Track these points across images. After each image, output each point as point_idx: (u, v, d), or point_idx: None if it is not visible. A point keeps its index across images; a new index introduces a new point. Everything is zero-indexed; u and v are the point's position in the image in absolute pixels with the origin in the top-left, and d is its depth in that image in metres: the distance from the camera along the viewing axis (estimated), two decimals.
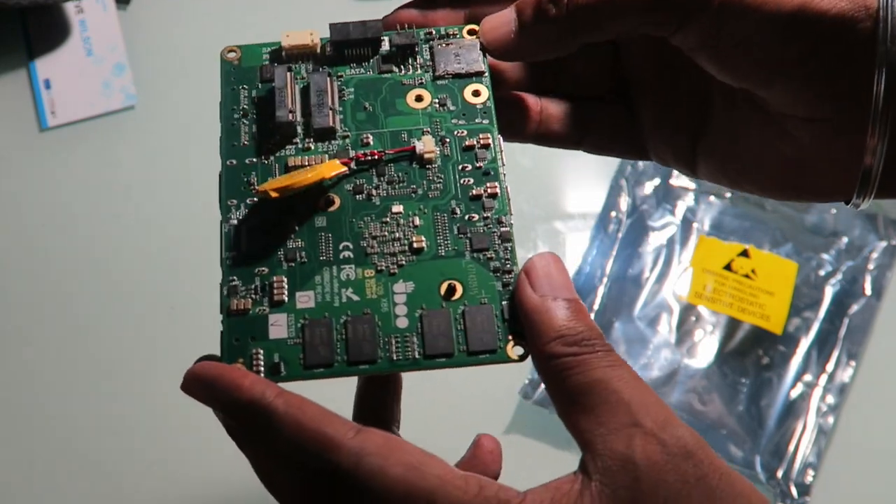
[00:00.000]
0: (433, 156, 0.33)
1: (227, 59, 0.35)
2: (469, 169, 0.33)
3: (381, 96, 0.34)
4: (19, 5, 0.58)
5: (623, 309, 0.57)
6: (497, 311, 0.30)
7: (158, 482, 0.54)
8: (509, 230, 0.32)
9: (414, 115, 0.34)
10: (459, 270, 0.31)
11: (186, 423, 0.54)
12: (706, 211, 0.60)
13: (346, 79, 0.34)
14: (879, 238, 0.59)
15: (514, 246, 0.32)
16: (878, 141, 0.29)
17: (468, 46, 0.35)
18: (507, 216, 0.32)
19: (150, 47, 0.63)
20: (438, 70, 0.34)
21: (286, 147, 0.33)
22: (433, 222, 0.32)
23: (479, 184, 0.32)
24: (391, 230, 0.32)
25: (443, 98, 0.34)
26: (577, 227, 0.60)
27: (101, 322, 0.57)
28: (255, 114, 0.34)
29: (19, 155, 0.60)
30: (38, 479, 0.53)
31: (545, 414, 0.55)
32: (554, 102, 0.37)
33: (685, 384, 0.55)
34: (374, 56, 0.35)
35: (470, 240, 0.31)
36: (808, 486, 0.53)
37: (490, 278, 0.31)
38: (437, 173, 0.33)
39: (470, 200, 0.32)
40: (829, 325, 0.57)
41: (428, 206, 0.32)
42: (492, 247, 0.31)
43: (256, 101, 0.34)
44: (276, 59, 0.35)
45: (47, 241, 0.58)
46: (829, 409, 0.55)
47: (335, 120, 0.33)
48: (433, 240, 0.31)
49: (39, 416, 0.55)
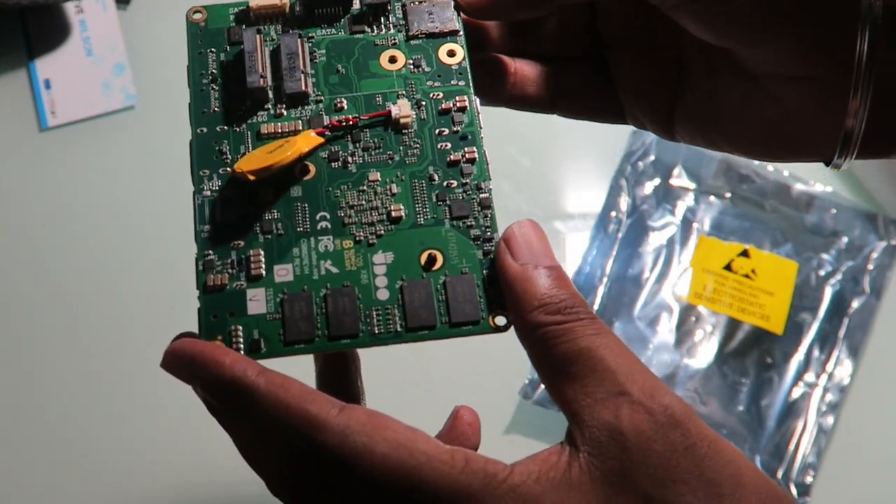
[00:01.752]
0: (409, 120, 0.32)
1: (192, 21, 0.34)
2: (446, 133, 0.32)
3: (353, 58, 0.33)
4: (19, 5, 0.58)
5: (623, 309, 0.57)
6: (479, 281, 0.30)
7: (158, 482, 0.54)
8: (489, 196, 0.31)
9: (388, 77, 0.33)
10: (439, 239, 0.30)
11: (186, 423, 0.54)
12: (706, 211, 0.60)
13: (316, 40, 0.33)
14: (879, 238, 0.59)
15: (494, 213, 0.31)
16: (861, 101, 0.29)
17: (442, 4, 0.34)
18: (487, 182, 0.31)
19: (150, 47, 0.63)
20: (412, 30, 0.34)
21: (257, 113, 0.32)
22: (411, 190, 0.31)
23: (456, 149, 0.32)
24: (368, 199, 0.31)
25: (417, 59, 0.33)
26: (577, 227, 0.60)
27: (101, 322, 0.57)
28: (224, 78, 0.33)
29: (19, 155, 0.60)
30: (38, 478, 0.53)
31: (545, 414, 0.55)
32: (528, 64, 0.36)
33: (685, 384, 0.55)
34: (346, 16, 0.34)
35: (449, 207, 0.31)
36: (808, 486, 0.53)
37: (470, 247, 0.30)
38: (414, 138, 0.32)
39: (448, 166, 0.31)
40: (829, 324, 0.57)
41: (405, 173, 0.31)
42: (471, 214, 0.31)
43: (225, 64, 0.33)
44: (244, 21, 0.33)
45: (47, 240, 0.58)
46: (829, 408, 0.55)
47: (308, 84, 0.32)
48: (412, 208, 0.31)
49: (39, 416, 0.55)
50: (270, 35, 0.33)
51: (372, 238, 0.30)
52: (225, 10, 0.34)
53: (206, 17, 0.34)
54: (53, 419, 0.55)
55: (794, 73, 0.30)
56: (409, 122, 0.32)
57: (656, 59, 0.35)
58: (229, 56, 0.33)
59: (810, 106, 0.31)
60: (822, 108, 0.30)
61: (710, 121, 0.34)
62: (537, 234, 0.29)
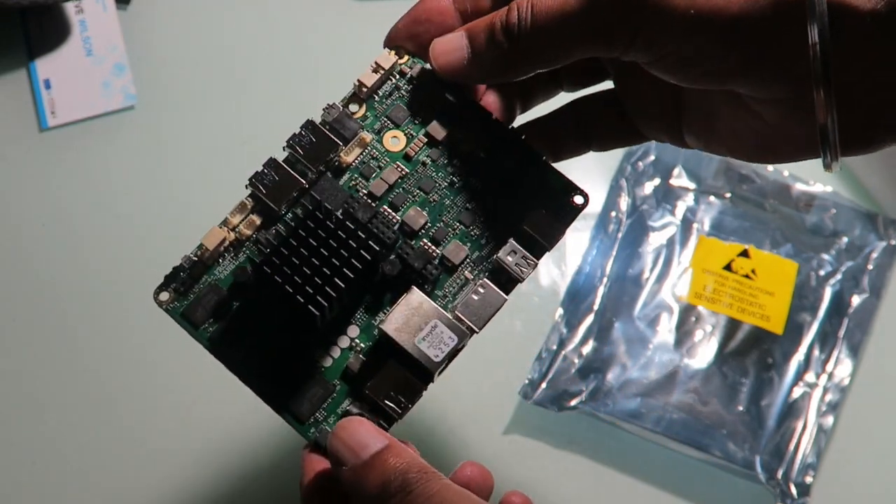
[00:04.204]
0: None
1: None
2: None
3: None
4: (19, 5, 0.58)
5: (623, 309, 0.57)
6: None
7: (160, 482, 0.54)
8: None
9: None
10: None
11: (186, 423, 0.54)
12: (706, 211, 0.60)
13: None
14: (879, 238, 0.59)
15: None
16: (827, 109, 0.30)
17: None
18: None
19: (150, 47, 0.63)
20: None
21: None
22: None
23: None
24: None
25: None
26: (577, 227, 0.59)
27: (101, 322, 0.57)
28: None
29: (19, 155, 0.60)
30: (37, 479, 0.53)
31: (545, 414, 0.55)
32: (558, 121, 0.39)
33: (685, 384, 0.55)
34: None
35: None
36: (808, 486, 0.53)
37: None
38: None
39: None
40: (829, 324, 0.57)
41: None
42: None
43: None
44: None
45: (47, 241, 0.58)
46: (829, 408, 0.55)
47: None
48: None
49: (38, 417, 0.55)
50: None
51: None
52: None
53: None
54: (53, 420, 0.55)
55: (765, 98, 0.32)
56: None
57: (657, 85, 0.37)
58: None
59: (789, 119, 0.32)
60: (798, 120, 0.32)
61: (709, 133, 0.36)
62: (353, 431, 0.32)
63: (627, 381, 0.55)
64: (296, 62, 0.64)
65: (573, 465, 0.55)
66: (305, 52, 0.64)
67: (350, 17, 0.64)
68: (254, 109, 0.62)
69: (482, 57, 0.34)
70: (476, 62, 0.34)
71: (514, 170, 0.36)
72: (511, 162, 0.36)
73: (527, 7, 0.33)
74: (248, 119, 0.61)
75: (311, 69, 0.63)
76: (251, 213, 0.36)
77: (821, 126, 0.31)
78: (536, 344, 0.56)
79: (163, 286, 0.36)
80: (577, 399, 0.55)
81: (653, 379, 0.55)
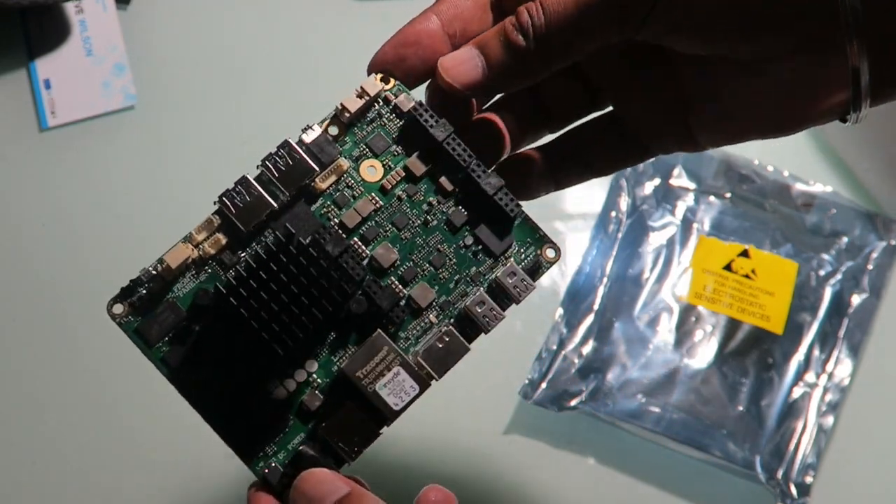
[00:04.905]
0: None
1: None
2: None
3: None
4: (19, 5, 0.58)
5: (623, 309, 0.57)
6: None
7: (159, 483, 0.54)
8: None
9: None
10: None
11: (186, 422, 0.54)
12: (706, 211, 0.60)
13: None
14: (879, 238, 0.59)
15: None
16: (859, 44, 0.30)
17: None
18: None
19: (150, 47, 0.63)
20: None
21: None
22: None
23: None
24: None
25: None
26: (577, 227, 0.60)
27: (101, 322, 0.57)
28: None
29: (19, 155, 0.60)
30: (37, 480, 0.53)
31: (545, 414, 0.55)
32: (553, 149, 0.39)
33: (685, 384, 0.55)
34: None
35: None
36: (808, 486, 0.53)
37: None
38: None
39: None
40: (829, 324, 0.57)
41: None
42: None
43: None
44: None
45: (47, 241, 0.58)
46: (829, 408, 0.55)
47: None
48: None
49: (38, 417, 0.55)
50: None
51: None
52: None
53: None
54: (53, 420, 0.55)
55: (784, 54, 0.32)
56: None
57: (657, 89, 0.36)
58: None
59: (809, 75, 0.32)
60: (820, 72, 0.32)
61: (725, 119, 0.35)
62: (313, 483, 0.32)
63: (627, 381, 0.55)
64: (296, 62, 0.64)
65: (573, 465, 0.55)
66: (305, 52, 0.64)
67: (350, 17, 0.64)
68: (254, 109, 0.62)
69: (499, 62, 0.33)
70: (493, 69, 0.34)
71: (489, 217, 0.35)
72: (487, 208, 0.35)
73: (537, 5, 0.32)
74: (248, 119, 0.61)
75: (311, 69, 0.63)
76: (217, 232, 0.34)
77: (853, 69, 0.31)
78: (536, 344, 0.56)
79: (118, 298, 0.36)
80: (577, 399, 0.55)
81: (653, 379, 0.55)
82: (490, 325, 0.34)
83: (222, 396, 0.34)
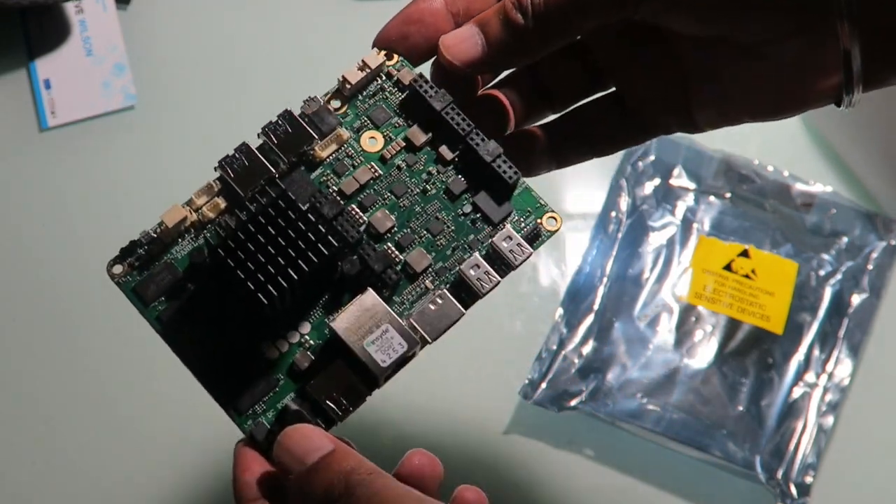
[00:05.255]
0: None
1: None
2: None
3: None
4: (19, 5, 0.58)
5: (623, 309, 0.57)
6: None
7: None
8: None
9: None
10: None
11: (187, 422, 0.54)
12: (706, 211, 0.60)
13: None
14: (879, 238, 0.59)
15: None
16: (852, 28, 0.31)
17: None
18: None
19: (150, 47, 0.63)
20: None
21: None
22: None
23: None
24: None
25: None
26: (577, 227, 0.60)
27: (101, 322, 0.57)
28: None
29: (19, 155, 0.60)
30: (37, 479, 0.53)
31: (545, 414, 0.55)
32: (555, 128, 0.39)
33: (685, 384, 0.55)
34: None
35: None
36: (808, 486, 0.53)
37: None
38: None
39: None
40: (829, 324, 0.57)
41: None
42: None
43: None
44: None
45: (47, 241, 0.58)
46: (829, 408, 0.55)
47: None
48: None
49: (38, 417, 0.55)
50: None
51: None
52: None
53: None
54: (53, 420, 0.55)
55: (784, 31, 0.32)
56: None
57: (657, 69, 0.36)
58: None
59: (806, 56, 0.32)
60: (817, 54, 0.32)
61: (724, 101, 0.36)
62: (297, 438, 0.32)
63: (627, 381, 0.55)
64: (296, 62, 0.63)
65: (573, 465, 0.55)
66: (305, 52, 0.64)
67: (350, 17, 0.64)
68: (254, 109, 0.61)
69: (498, 40, 0.34)
70: (493, 47, 0.34)
71: (488, 185, 0.36)
72: (486, 177, 0.35)
73: None
74: (248, 119, 0.61)
75: (311, 69, 0.63)
76: (216, 196, 0.35)
77: (844, 52, 0.31)
78: (536, 344, 0.56)
79: (118, 259, 0.36)
80: (577, 399, 0.55)
81: (653, 379, 0.55)
82: (484, 289, 0.34)
83: (214, 355, 0.34)
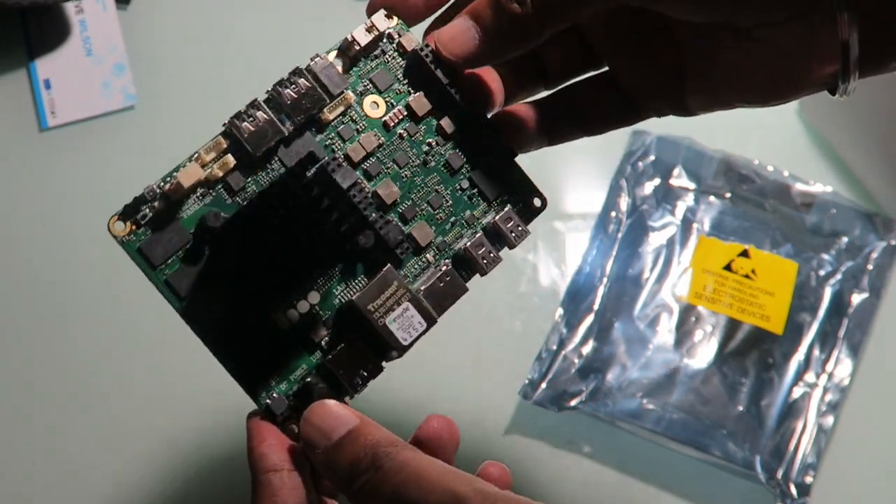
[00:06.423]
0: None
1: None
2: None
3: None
4: (19, 5, 0.58)
5: (623, 309, 0.57)
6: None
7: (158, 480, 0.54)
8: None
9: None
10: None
11: (187, 422, 0.54)
12: (706, 211, 0.60)
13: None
14: (879, 238, 0.59)
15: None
16: (848, 14, 0.31)
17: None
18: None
19: (150, 47, 0.63)
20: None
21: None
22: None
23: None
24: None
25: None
26: (577, 227, 0.60)
27: (101, 322, 0.57)
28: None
29: (19, 155, 0.60)
30: (37, 479, 0.54)
31: (545, 414, 0.55)
32: (548, 106, 0.38)
33: (685, 384, 0.55)
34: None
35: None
36: (808, 486, 0.53)
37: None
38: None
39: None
40: (829, 324, 0.57)
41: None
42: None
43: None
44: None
45: (47, 241, 0.58)
46: (829, 408, 0.55)
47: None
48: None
49: (38, 417, 0.55)
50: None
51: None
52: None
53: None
54: (53, 420, 0.55)
55: (780, 18, 0.32)
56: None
57: (652, 51, 0.36)
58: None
59: (803, 41, 0.32)
60: (813, 39, 0.32)
61: (719, 85, 0.36)
62: (323, 415, 0.32)
63: (627, 381, 0.55)
64: (296, 62, 0.63)
65: (573, 465, 0.55)
66: (305, 52, 0.63)
67: (350, 17, 0.64)
68: None
69: (495, 30, 0.33)
70: (489, 38, 0.34)
71: (484, 162, 0.36)
72: (483, 154, 0.36)
73: None
74: None
75: None
76: (226, 154, 0.34)
77: (843, 41, 0.31)
78: (536, 344, 0.56)
79: (121, 216, 0.34)
80: (577, 399, 0.55)
81: (653, 379, 0.55)
82: (488, 268, 0.35)
83: (226, 325, 0.33)
